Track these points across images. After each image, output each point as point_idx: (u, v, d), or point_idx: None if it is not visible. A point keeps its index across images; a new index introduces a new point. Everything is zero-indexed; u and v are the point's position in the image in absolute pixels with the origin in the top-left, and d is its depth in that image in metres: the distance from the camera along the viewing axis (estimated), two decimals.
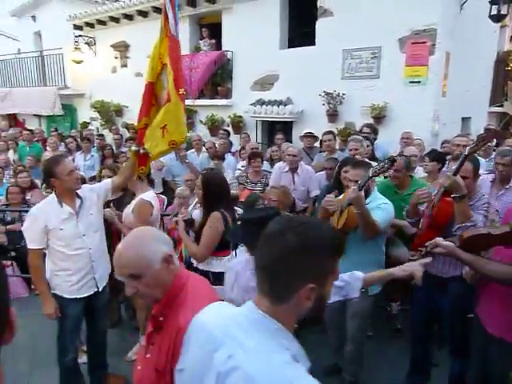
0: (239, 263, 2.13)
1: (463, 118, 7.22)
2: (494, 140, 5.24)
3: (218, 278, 2.64)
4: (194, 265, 2.88)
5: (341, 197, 3.00)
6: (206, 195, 2.78)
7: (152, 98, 3.09)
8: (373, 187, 2.88)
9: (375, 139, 5.17)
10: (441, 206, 2.62)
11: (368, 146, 4.52)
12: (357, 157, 3.97)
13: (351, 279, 1.85)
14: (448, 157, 4.13)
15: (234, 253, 2.73)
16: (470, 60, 6.81)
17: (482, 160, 4.10)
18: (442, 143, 5.39)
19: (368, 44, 6.37)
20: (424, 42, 5.90)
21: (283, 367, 0.92)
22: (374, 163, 4.12)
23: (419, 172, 4.21)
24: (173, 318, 1.35)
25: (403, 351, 3.23)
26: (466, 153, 2.44)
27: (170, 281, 1.39)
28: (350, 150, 4.17)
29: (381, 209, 2.70)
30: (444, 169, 3.96)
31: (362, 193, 2.58)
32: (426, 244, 2.17)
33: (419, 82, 6.02)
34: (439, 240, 2.11)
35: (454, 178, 2.43)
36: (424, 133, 5.66)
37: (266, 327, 0.99)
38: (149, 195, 3.29)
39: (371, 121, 6.19)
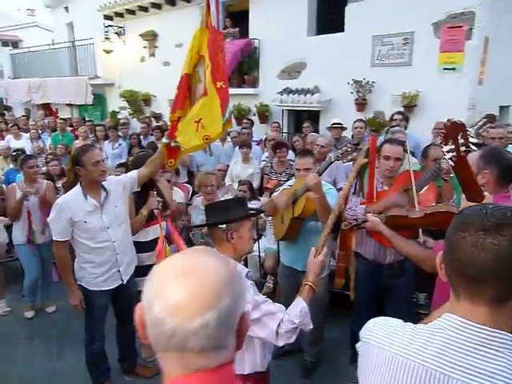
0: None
1: (501, 107, 6.83)
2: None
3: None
4: None
5: (286, 186, 3.14)
6: None
7: (186, 91, 2.95)
8: None
9: (406, 128, 4.96)
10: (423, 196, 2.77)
11: None
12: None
13: None
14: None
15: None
16: (510, 45, 6.40)
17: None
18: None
19: (400, 29, 6.08)
20: (460, 27, 5.58)
21: None
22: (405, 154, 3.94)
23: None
24: None
25: None
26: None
27: None
28: None
29: (329, 194, 2.83)
30: None
31: (321, 178, 2.70)
32: (356, 217, 2.51)
33: (454, 68, 5.71)
34: (369, 215, 2.42)
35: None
36: None
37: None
38: None
39: (401, 110, 5.95)
